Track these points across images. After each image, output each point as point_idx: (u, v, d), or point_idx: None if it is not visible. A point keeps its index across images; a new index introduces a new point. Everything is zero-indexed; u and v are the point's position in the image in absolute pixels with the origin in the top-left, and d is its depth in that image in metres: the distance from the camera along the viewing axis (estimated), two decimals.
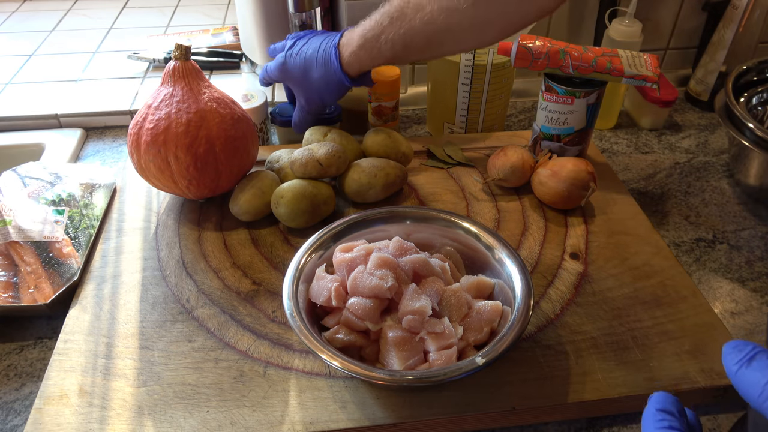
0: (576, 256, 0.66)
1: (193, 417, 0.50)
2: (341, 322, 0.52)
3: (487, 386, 0.53)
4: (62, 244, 0.65)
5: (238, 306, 0.61)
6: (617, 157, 0.87)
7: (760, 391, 0.27)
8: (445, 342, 0.50)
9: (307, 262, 0.56)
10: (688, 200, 0.79)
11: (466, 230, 0.60)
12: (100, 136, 0.92)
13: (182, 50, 0.66)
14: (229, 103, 0.68)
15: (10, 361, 0.58)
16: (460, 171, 0.79)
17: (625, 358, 0.55)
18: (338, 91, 0.73)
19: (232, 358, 0.55)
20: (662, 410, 0.35)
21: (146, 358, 0.55)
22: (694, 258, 0.70)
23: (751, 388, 0.28)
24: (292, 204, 0.67)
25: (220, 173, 0.67)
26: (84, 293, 0.62)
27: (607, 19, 0.92)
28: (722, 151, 0.88)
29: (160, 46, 1.10)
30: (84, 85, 1.00)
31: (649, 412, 0.35)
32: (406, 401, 0.51)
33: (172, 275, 0.64)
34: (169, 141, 0.64)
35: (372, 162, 0.73)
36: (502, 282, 0.56)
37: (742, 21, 0.89)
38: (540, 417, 0.53)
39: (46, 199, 0.69)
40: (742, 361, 0.29)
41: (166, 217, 0.72)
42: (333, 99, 0.75)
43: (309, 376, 0.54)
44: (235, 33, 1.14)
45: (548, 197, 0.72)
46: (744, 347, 0.29)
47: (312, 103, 0.76)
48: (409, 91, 0.97)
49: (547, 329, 0.58)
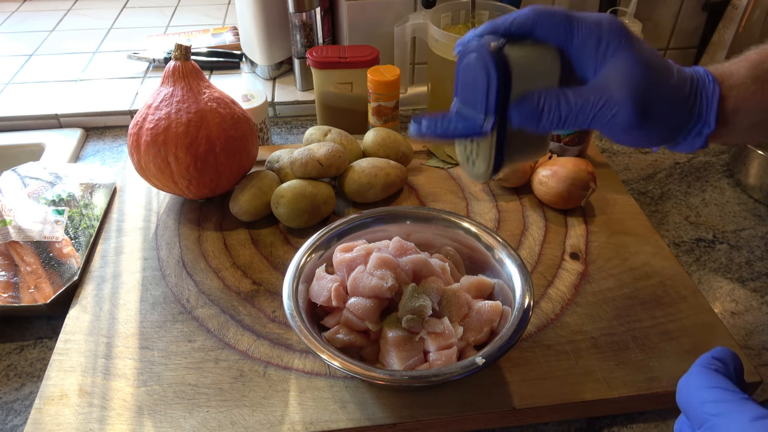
0: (576, 256, 0.66)
1: (193, 417, 0.50)
2: (341, 322, 0.52)
3: (487, 386, 0.53)
4: (62, 244, 0.65)
5: (238, 306, 0.61)
6: (617, 157, 0.87)
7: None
8: (445, 342, 0.50)
9: (307, 262, 0.56)
10: (688, 200, 0.79)
11: (466, 230, 0.60)
12: (100, 136, 0.92)
13: (182, 50, 0.66)
14: (229, 103, 0.68)
15: (10, 361, 0.58)
16: (460, 171, 0.79)
17: (625, 358, 0.55)
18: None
19: (232, 358, 0.55)
20: (717, 357, 0.35)
21: (146, 358, 0.55)
22: (694, 258, 0.70)
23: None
24: (292, 204, 0.67)
25: (220, 173, 0.67)
26: (84, 293, 0.62)
27: None
28: (722, 151, 0.88)
29: (160, 46, 1.10)
30: (84, 85, 1.00)
31: (706, 355, 0.36)
32: (406, 401, 0.51)
33: (172, 275, 0.64)
34: (169, 141, 0.64)
35: (372, 162, 0.73)
36: (502, 282, 0.56)
37: (742, 21, 0.89)
38: (540, 417, 0.53)
39: (46, 199, 0.69)
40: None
41: (166, 217, 0.72)
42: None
43: (309, 376, 0.54)
44: (235, 33, 1.14)
45: (548, 197, 0.72)
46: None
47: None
48: (409, 91, 0.97)
49: (547, 329, 0.58)
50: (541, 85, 0.41)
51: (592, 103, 0.40)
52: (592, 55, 0.40)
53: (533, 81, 0.41)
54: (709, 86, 0.40)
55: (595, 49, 0.40)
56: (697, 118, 0.41)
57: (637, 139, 0.41)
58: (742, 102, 0.40)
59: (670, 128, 0.41)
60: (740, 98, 0.40)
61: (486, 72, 0.39)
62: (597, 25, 0.39)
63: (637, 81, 0.39)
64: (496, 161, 0.43)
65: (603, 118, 0.40)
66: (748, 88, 0.40)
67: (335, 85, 0.85)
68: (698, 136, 0.42)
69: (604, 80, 0.40)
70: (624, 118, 0.39)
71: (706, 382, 0.34)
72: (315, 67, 0.83)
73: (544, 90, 0.41)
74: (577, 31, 0.40)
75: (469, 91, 0.42)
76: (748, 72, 0.41)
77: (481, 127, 0.41)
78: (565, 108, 0.40)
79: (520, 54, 0.40)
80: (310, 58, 0.83)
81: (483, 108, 0.41)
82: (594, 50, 0.40)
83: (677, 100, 0.40)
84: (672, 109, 0.40)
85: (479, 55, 0.40)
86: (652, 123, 0.40)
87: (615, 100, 0.39)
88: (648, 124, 0.40)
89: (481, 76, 0.40)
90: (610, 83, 0.39)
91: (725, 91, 0.40)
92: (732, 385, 0.34)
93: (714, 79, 0.40)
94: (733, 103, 0.40)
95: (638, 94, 0.39)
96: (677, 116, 0.41)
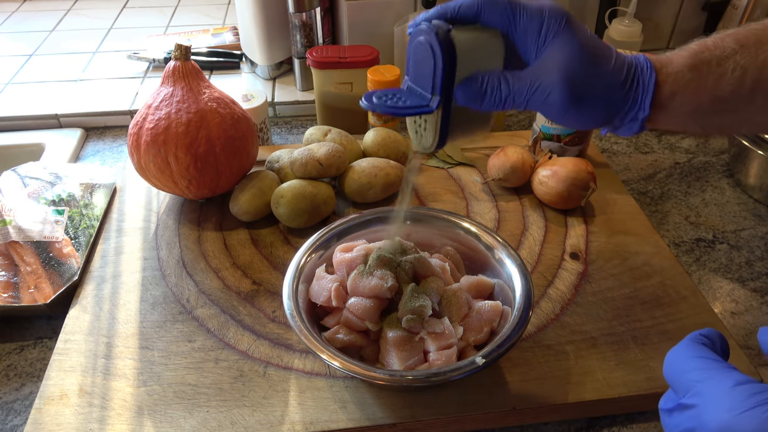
0: (576, 256, 0.66)
1: (193, 417, 0.50)
2: (341, 322, 0.52)
3: (487, 386, 0.53)
4: (62, 244, 0.65)
5: (238, 306, 0.61)
6: (617, 157, 0.87)
7: None
8: (445, 342, 0.50)
9: (307, 262, 0.56)
10: (688, 200, 0.79)
11: (466, 230, 0.60)
12: (100, 136, 0.92)
13: (182, 50, 0.66)
14: (229, 103, 0.68)
15: (10, 361, 0.58)
16: (460, 171, 0.79)
17: (625, 358, 0.55)
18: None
19: (232, 358, 0.55)
20: (704, 335, 0.36)
21: (146, 358, 0.55)
22: (694, 258, 0.70)
23: None
24: (292, 204, 0.67)
25: (220, 173, 0.67)
26: (84, 293, 0.62)
27: (607, 19, 0.92)
28: (722, 151, 0.88)
29: (160, 46, 1.10)
30: (84, 85, 1.00)
31: (694, 333, 0.37)
32: (406, 401, 0.51)
33: (172, 275, 0.64)
34: (169, 141, 0.64)
35: (372, 162, 0.73)
36: (502, 282, 0.56)
37: (742, 21, 0.89)
38: (540, 417, 0.53)
39: (46, 199, 0.69)
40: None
41: (166, 217, 0.72)
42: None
43: (309, 376, 0.54)
44: (235, 33, 1.14)
45: (548, 197, 0.72)
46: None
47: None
48: None
49: (547, 329, 0.58)
50: (486, 68, 0.43)
51: (528, 86, 0.42)
52: (534, 40, 0.42)
53: (478, 63, 0.43)
54: (647, 72, 0.42)
55: (536, 34, 0.42)
56: (632, 102, 0.42)
57: (574, 120, 0.44)
58: (678, 89, 0.42)
59: (605, 112, 0.43)
60: (677, 85, 0.42)
61: (433, 53, 0.42)
62: (539, 12, 0.42)
63: (570, 63, 0.41)
64: (441, 135, 0.46)
65: (538, 101, 0.42)
66: (684, 76, 0.42)
67: (335, 85, 0.85)
68: (634, 121, 0.43)
69: (541, 64, 0.42)
70: (556, 100, 0.42)
71: (693, 352, 0.35)
72: (315, 67, 0.83)
73: (488, 72, 0.43)
74: (520, 17, 0.42)
75: (419, 70, 0.44)
76: (686, 61, 0.42)
77: (428, 104, 0.44)
78: (505, 90, 0.42)
79: (467, 37, 0.42)
80: (310, 58, 0.83)
81: (430, 87, 0.43)
82: (536, 35, 0.42)
83: (613, 83, 0.42)
84: (606, 92, 0.42)
85: (427, 37, 0.42)
86: (584, 106, 0.42)
87: (549, 82, 0.41)
88: (581, 106, 0.42)
89: (429, 57, 0.42)
90: (546, 67, 0.42)
91: (662, 77, 0.42)
92: (717, 356, 0.34)
93: (652, 66, 0.42)
94: (670, 89, 0.42)
95: (571, 77, 0.41)
96: (612, 100, 0.42)
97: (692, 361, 0.34)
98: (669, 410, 0.34)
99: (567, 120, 0.44)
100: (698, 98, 0.42)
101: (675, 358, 0.36)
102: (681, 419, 0.33)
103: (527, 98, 0.42)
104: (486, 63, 0.43)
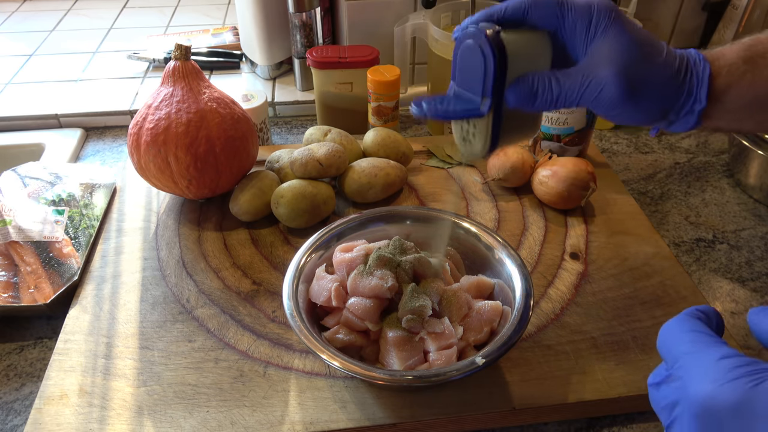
0: (576, 256, 0.66)
1: (193, 417, 0.50)
2: (341, 322, 0.52)
3: (487, 386, 0.53)
4: (62, 244, 0.65)
5: (238, 306, 0.61)
6: (617, 157, 0.87)
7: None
8: (445, 342, 0.50)
9: (307, 262, 0.56)
10: (688, 200, 0.79)
11: (466, 230, 0.60)
12: (100, 136, 0.92)
13: (182, 50, 0.66)
14: (229, 103, 0.68)
15: (10, 361, 0.58)
16: (460, 171, 0.79)
17: (625, 358, 0.55)
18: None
19: (232, 358, 0.55)
20: (701, 311, 0.36)
21: (146, 358, 0.55)
22: (694, 258, 0.70)
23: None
24: (292, 204, 0.67)
25: (220, 173, 0.67)
26: (84, 293, 0.62)
27: None
28: (722, 151, 0.88)
29: (160, 46, 1.10)
30: (84, 85, 1.00)
31: (691, 308, 0.36)
32: (406, 401, 0.51)
33: (172, 275, 0.64)
34: (169, 141, 0.64)
35: (372, 162, 0.73)
36: (502, 282, 0.56)
37: (742, 21, 0.89)
38: (540, 417, 0.53)
39: (46, 199, 0.69)
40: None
41: (166, 217, 0.72)
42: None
43: (309, 376, 0.54)
44: (235, 33, 1.14)
45: (548, 197, 0.72)
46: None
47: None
48: (409, 91, 0.97)
49: (547, 329, 0.58)
50: (535, 68, 0.43)
51: (580, 83, 0.41)
52: (582, 36, 0.42)
53: (527, 64, 0.43)
54: (700, 64, 0.41)
55: (585, 30, 0.41)
56: (687, 94, 0.41)
57: (628, 115, 0.42)
58: (733, 81, 0.41)
59: (661, 104, 0.42)
60: (731, 77, 0.41)
61: (483, 56, 0.41)
62: (587, 7, 0.41)
63: (623, 56, 0.40)
64: (493, 140, 0.45)
65: (590, 96, 0.41)
66: (738, 68, 0.41)
67: (335, 85, 0.85)
68: (690, 114, 0.42)
69: (591, 59, 0.41)
70: (611, 94, 0.41)
71: (687, 326, 0.35)
72: (315, 67, 0.83)
73: (538, 72, 0.42)
74: (568, 13, 0.42)
75: (467, 74, 0.44)
76: (740, 53, 0.42)
77: (479, 108, 0.43)
78: (556, 88, 0.42)
79: (514, 39, 0.42)
80: (310, 58, 0.83)
81: (480, 90, 0.43)
82: (584, 31, 0.42)
83: (666, 75, 0.41)
84: (661, 84, 0.41)
85: (476, 40, 0.41)
86: (640, 98, 0.41)
87: (601, 77, 0.41)
88: (636, 99, 0.41)
89: (478, 60, 0.42)
90: (597, 61, 0.41)
91: (716, 69, 0.41)
92: (711, 332, 0.34)
93: (704, 58, 0.41)
94: (724, 81, 0.41)
95: (624, 69, 0.40)
96: (667, 92, 0.41)
97: (685, 334, 0.34)
98: (657, 384, 0.34)
99: (621, 115, 0.43)
100: (754, 90, 0.41)
101: (669, 330, 0.35)
102: (667, 391, 0.33)
103: (579, 95, 0.42)
104: (535, 63, 0.43)
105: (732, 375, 0.29)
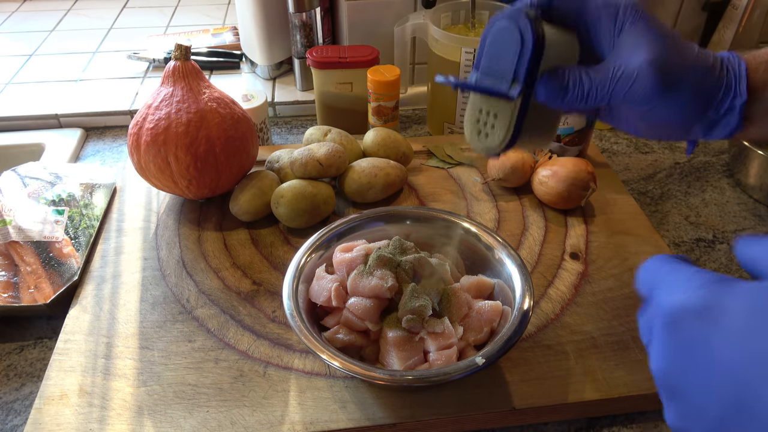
0: (576, 256, 0.66)
1: (193, 417, 0.50)
2: (341, 322, 0.52)
3: (487, 386, 0.53)
4: (62, 244, 0.65)
5: (238, 306, 0.61)
6: (617, 157, 0.87)
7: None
8: (445, 342, 0.50)
9: (307, 262, 0.56)
10: (688, 200, 0.79)
11: (466, 230, 0.60)
12: (100, 136, 0.92)
13: (182, 50, 0.66)
14: (229, 103, 0.68)
15: (10, 361, 0.58)
16: (460, 171, 0.79)
17: (625, 358, 0.55)
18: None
19: (232, 358, 0.55)
20: (678, 256, 0.35)
21: (146, 358, 0.55)
22: (694, 258, 0.70)
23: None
24: (292, 204, 0.67)
25: (220, 173, 0.67)
26: (84, 293, 0.62)
27: None
28: (722, 151, 0.88)
29: (160, 46, 1.10)
30: (84, 85, 1.00)
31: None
32: (406, 401, 0.51)
33: (172, 275, 0.64)
34: (169, 141, 0.64)
35: (372, 162, 0.73)
36: (502, 282, 0.56)
37: (742, 21, 0.89)
38: (540, 417, 0.53)
39: (46, 199, 0.69)
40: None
41: (166, 217, 0.72)
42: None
43: (309, 376, 0.54)
44: (235, 33, 1.14)
45: (548, 197, 0.72)
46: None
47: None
48: (409, 91, 0.97)
49: (547, 329, 0.58)
50: (564, 63, 0.41)
51: (611, 76, 0.39)
52: (608, 29, 0.40)
53: (556, 57, 0.41)
54: (734, 60, 0.39)
55: (612, 23, 0.40)
56: (726, 88, 0.39)
57: (664, 111, 0.40)
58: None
59: (699, 99, 0.39)
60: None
61: (521, 37, 0.39)
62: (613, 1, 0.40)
63: (653, 46, 0.38)
64: (514, 133, 0.43)
65: (622, 90, 0.39)
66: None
67: (335, 85, 0.85)
68: (731, 111, 0.39)
69: (619, 52, 0.40)
70: (643, 86, 0.39)
71: (666, 259, 0.33)
72: (315, 67, 0.83)
73: (568, 66, 0.41)
74: (594, 4, 0.40)
75: (496, 59, 0.42)
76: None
77: (507, 91, 0.41)
78: (587, 82, 0.40)
79: (549, 30, 0.41)
80: (310, 58, 0.83)
81: (511, 74, 0.41)
82: (611, 24, 0.40)
83: (702, 68, 0.39)
84: (697, 76, 0.39)
85: (514, 20, 0.39)
86: (675, 92, 0.38)
87: (633, 68, 0.39)
88: (671, 92, 0.38)
89: (514, 42, 0.40)
90: (626, 53, 0.39)
91: (753, 65, 0.39)
92: (690, 263, 0.33)
93: (739, 56, 0.40)
94: (762, 78, 0.39)
95: (657, 59, 0.38)
96: (704, 86, 0.39)
97: (665, 264, 0.32)
98: (642, 312, 0.33)
99: (657, 111, 0.40)
100: None
101: (648, 264, 0.34)
102: (648, 314, 0.32)
103: (611, 89, 0.40)
104: (566, 58, 0.42)
105: (701, 284, 0.28)
